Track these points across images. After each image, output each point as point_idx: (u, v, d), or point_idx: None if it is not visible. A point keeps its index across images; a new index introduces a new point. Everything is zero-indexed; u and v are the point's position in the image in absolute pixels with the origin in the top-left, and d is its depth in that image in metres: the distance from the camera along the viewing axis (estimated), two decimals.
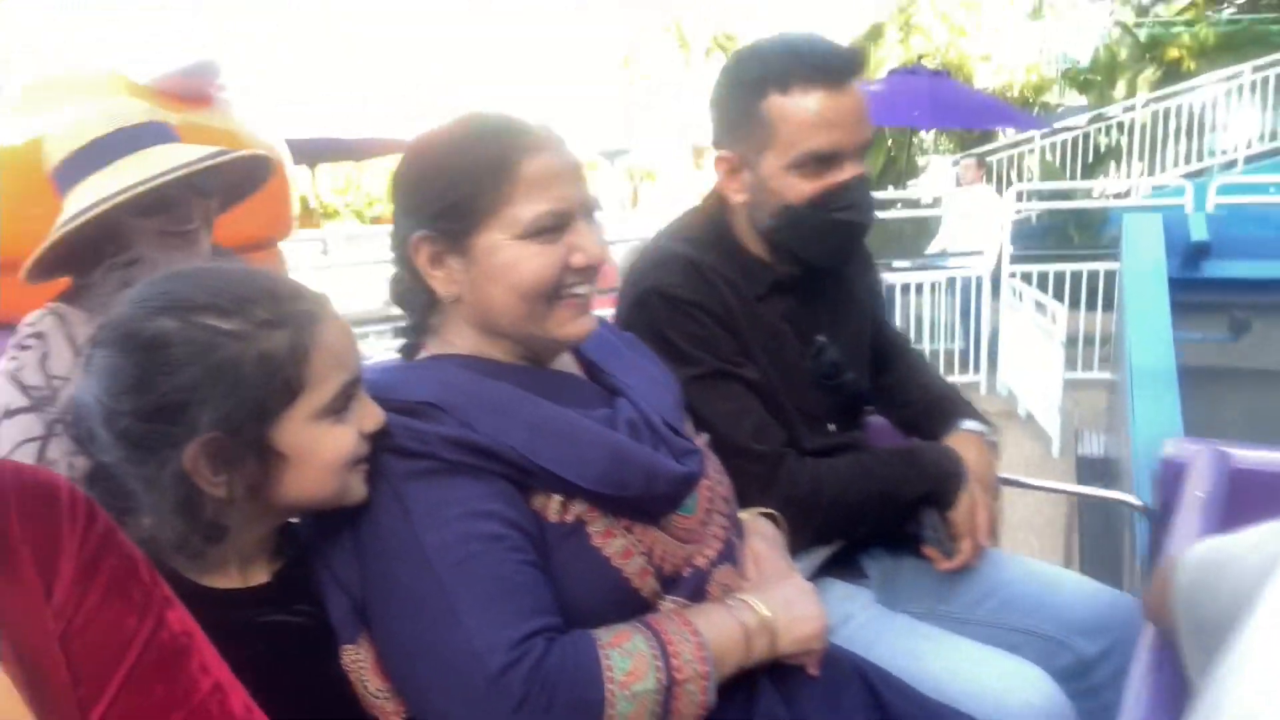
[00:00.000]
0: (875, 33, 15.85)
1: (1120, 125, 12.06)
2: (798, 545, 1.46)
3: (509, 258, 1.14)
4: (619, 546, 1.12)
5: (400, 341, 1.30)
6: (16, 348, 1.60)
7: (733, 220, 1.67)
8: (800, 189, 1.54)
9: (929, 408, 1.87)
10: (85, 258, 1.63)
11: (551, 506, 1.11)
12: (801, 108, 1.50)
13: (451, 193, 1.14)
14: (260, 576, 1.05)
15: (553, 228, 1.15)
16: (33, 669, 0.68)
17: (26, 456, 1.51)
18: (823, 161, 1.53)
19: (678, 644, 1.06)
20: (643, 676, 1.02)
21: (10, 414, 1.55)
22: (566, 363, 1.30)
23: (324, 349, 1.02)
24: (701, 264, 1.56)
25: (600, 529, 1.12)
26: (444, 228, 1.15)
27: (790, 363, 1.63)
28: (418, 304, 1.24)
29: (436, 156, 1.18)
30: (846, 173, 1.55)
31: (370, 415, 1.06)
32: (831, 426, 1.68)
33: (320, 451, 1.02)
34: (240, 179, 1.81)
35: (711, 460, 1.35)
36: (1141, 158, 11.77)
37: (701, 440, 1.36)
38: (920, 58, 13.97)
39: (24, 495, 0.72)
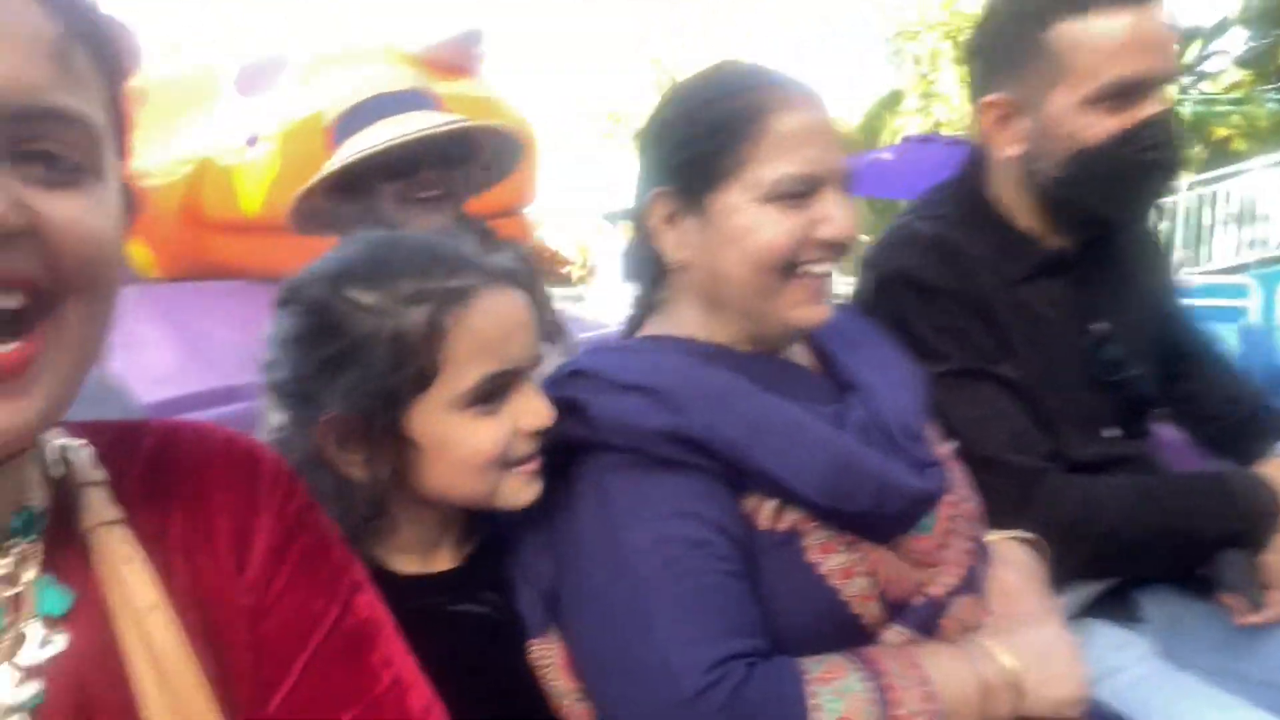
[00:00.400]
0: (894, 99, 14.77)
1: (1161, 209, 10.12)
2: (1059, 578, 1.24)
3: (746, 221, 1.03)
4: (838, 563, 0.98)
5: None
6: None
7: (995, 186, 1.44)
8: (1099, 127, 1.30)
9: (1239, 425, 1.55)
10: (347, 220, 1.70)
11: (764, 511, 0.99)
12: (1104, 32, 1.27)
13: (694, 145, 1.05)
14: (444, 563, 1.01)
15: (798, 193, 1.02)
16: (220, 644, 0.66)
17: None
18: (1129, 93, 1.29)
19: (901, 690, 0.91)
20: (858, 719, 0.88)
21: None
22: (798, 352, 1.16)
23: (467, 332, 0.92)
24: (954, 243, 1.36)
25: (817, 541, 0.99)
26: (683, 184, 1.06)
27: (1060, 356, 1.39)
28: (646, 274, 1.16)
29: (683, 107, 1.09)
30: (1155, 105, 1.30)
31: (532, 412, 0.96)
32: (1109, 433, 1.43)
33: (457, 446, 0.93)
34: (492, 155, 1.83)
35: (957, 474, 1.16)
36: (1187, 245, 10.46)
37: (947, 450, 1.18)
38: (939, 125, 12.88)
39: (229, 465, 0.71)
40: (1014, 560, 1.18)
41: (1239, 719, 1.21)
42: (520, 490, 0.97)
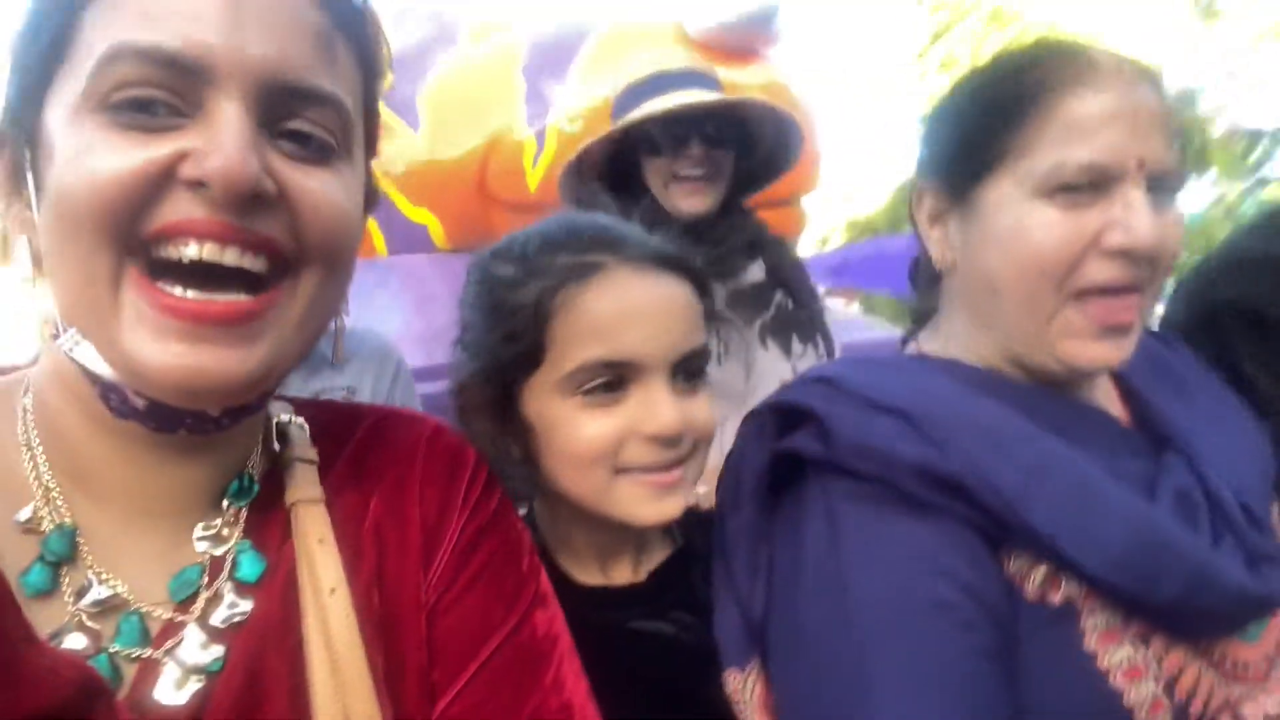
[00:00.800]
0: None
1: None
2: None
3: (1016, 218, 0.85)
4: (1123, 659, 0.78)
5: None
6: None
7: None
8: None
9: None
10: (619, 193, 1.70)
11: (1034, 578, 0.80)
12: None
13: (966, 131, 0.90)
14: (627, 576, 0.93)
15: (1084, 187, 0.82)
16: (396, 636, 0.65)
17: None
18: None
19: None
20: None
21: None
22: (1100, 393, 0.95)
23: (578, 312, 0.83)
24: None
25: (1100, 625, 0.79)
26: (951, 175, 0.91)
27: None
28: (920, 280, 1.03)
29: (965, 89, 0.93)
30: None
31: (655, 417, 0.84)
32: None
33: (562, 435, 0.84)
34: (772, 145, 1.74)
35: None
36: None
37: None
38: None
39: (432, 455, 0.71)
40: None
41: None
42: (642, 503, 0.86)
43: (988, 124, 0.87)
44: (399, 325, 2.16)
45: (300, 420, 0.71)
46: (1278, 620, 0.84)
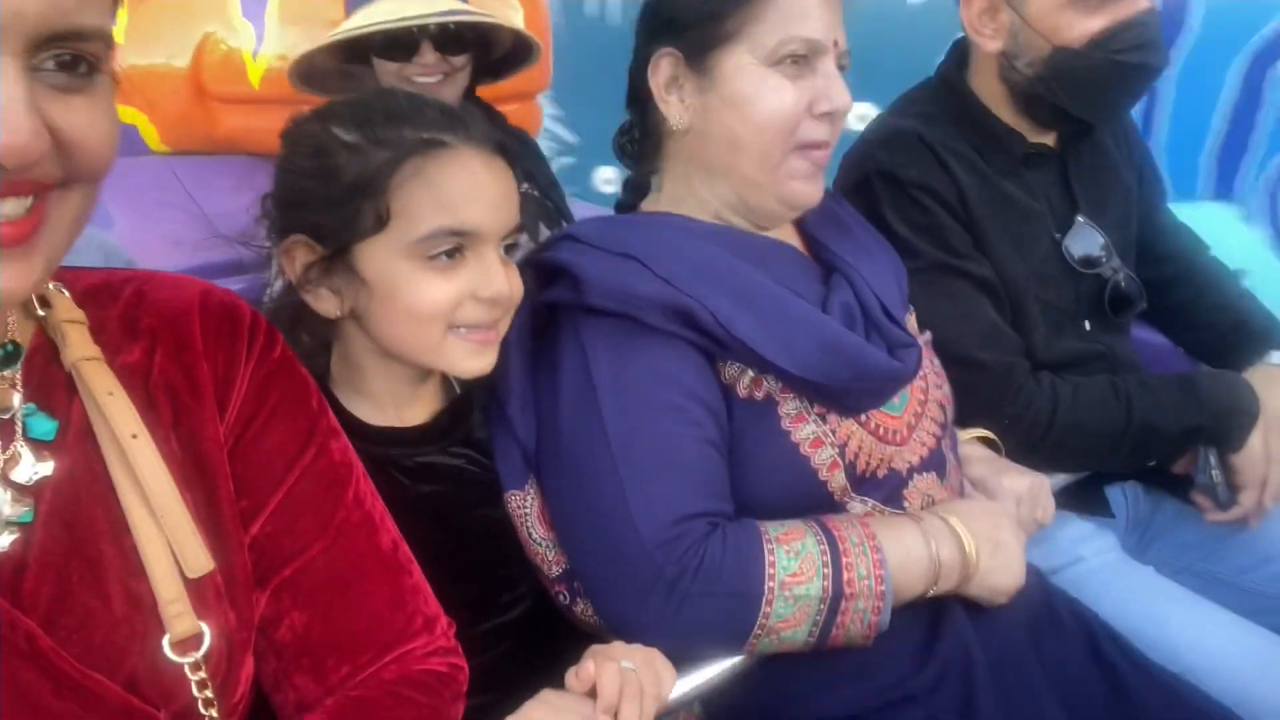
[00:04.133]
0: None
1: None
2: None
3: (752, 84, 1.03)
4: (809, 433, 1.01)
5: None
6: None
7: (976, 81, 1.44)
8: (1080, 26, 1.30)
9: (1228, 333, 1.55)
10: (351, 81, 1.70)
11: (742, 382, 1.01)
12: None
13: (703, 5, 1.04)
14: (417, 418, 1.04)
15: (802, 57, 1.02)
16: (203, 474, 0.70)
17: None
18: None
19: (854, 556, 0.95)
20: (807, 581, 0.93)
21: None
22: (786, 234, 1.17)
23: (427, 184, 0.92)
24: (933, 140, 1.36)
25: (792, 411, 1.02)
26: (688, 44, 1.05)
27: (1040, 250, 1.40)
28: (643, 147, 1.16)
29: None
30: (1136, 5, 1.29)
31: (489, 280, 0.93)
32: (1087, 326, 1.44)
33: (405, 294, 0.94)
34: (506, 50, 1.81)
35: (931, 360, 1.18)
36: None
37: (924, 338, 1.19)
38: None
39: (208, 314, 0.74)
40: (977, 455, 1.21)
41: (1191, 612, 1.26)
42: (467, 356, 0.96)
43: (721, 2, 1.03)
44: (121, 232, 2.04)
45: (58, 285, 0.70)
46: (913, 397, 1.10)
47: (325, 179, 0.92)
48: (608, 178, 3.33)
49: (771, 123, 1.03)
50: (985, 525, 1.04)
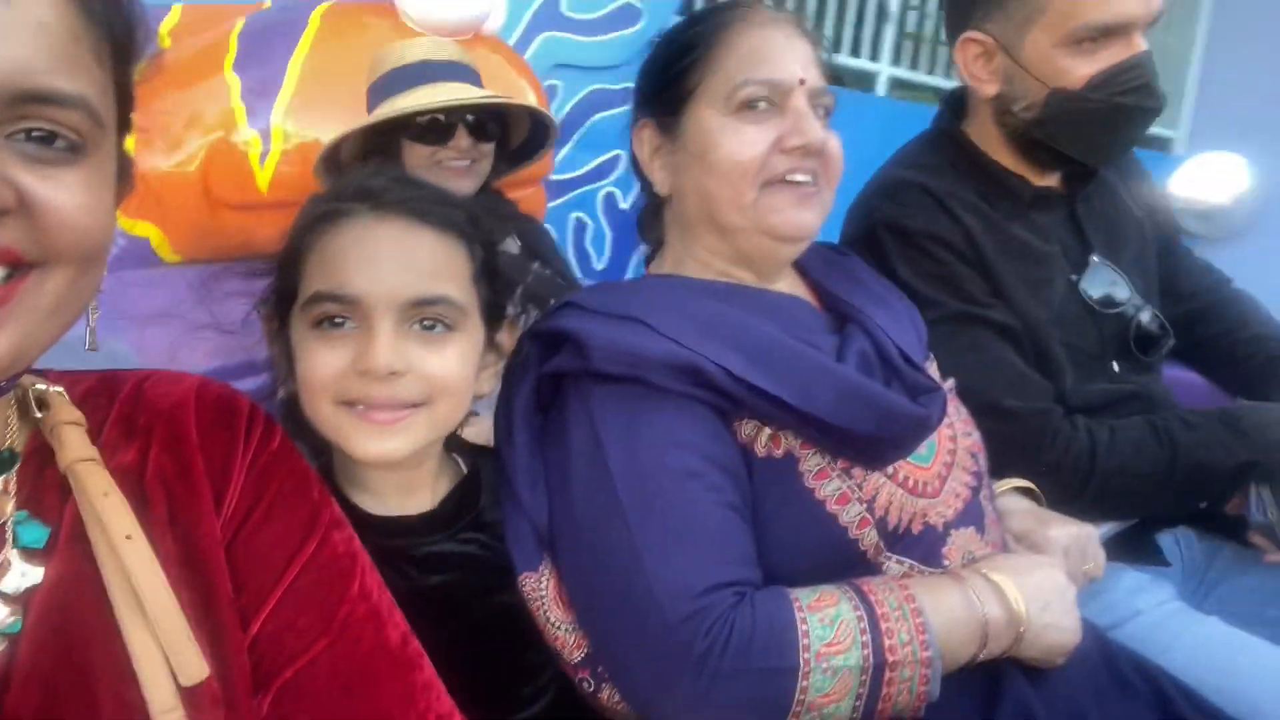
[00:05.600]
0: None
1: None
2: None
3: (714, 135, 1.02)
4: (834, 489, 0.96)
5: None
6: None
7: (973, 128, 1.43)
8: (1076, 70, 1.29)
9: (1265, 364, 1.50)
10: None
11: (760, 439, 0.96)
12: None
13: (664, 70, 1.07)
14: (422, 505, 0.98)
15: (761, 101, 1.01)
16: (200, 572, 0.67)
17: None
18: (1105, 36, 1.28)
19: (894, 620, 0.88)
20: (845, 650, 0.86)
21: None
22: (794, 286, 1.13)
23: (318, 251, 0.90)
24: (937, 189, 1.34)
25: (814, 467, 0.96)
26: (658, 111, 1.08)
27: (1058, 292, 1.36)
28: (648, 219, 1.17)
29: (661, 43, 1.12)
30: (1132, 49, 1.28)
31: (370, 355, 0.86)
32: (1115, 367, 1.39)
33: (300, 364, 0.91)
34: (526, 134, 1.89)
35: (958, 407, 1.13)
36: None
37: (948, 385, 1.14)
38: None
39: (203, 406, 0.72)
40: (1017, 507, 1.15)
41: (1265, 660, 1.17)
42: (362, 437, 0.89)
43: (681, 62, 1.05)
44: (134, 343, 2.05)
45: (58, 388, 0.70)
46: (942, 446, 1.05)
47: (285, 251, 0.96)
48: None
49: (735, 166, 1.02)
50: (1034, 580, 0.97)
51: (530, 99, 2.19)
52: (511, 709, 0.94)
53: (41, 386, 0.69)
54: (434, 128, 1.71)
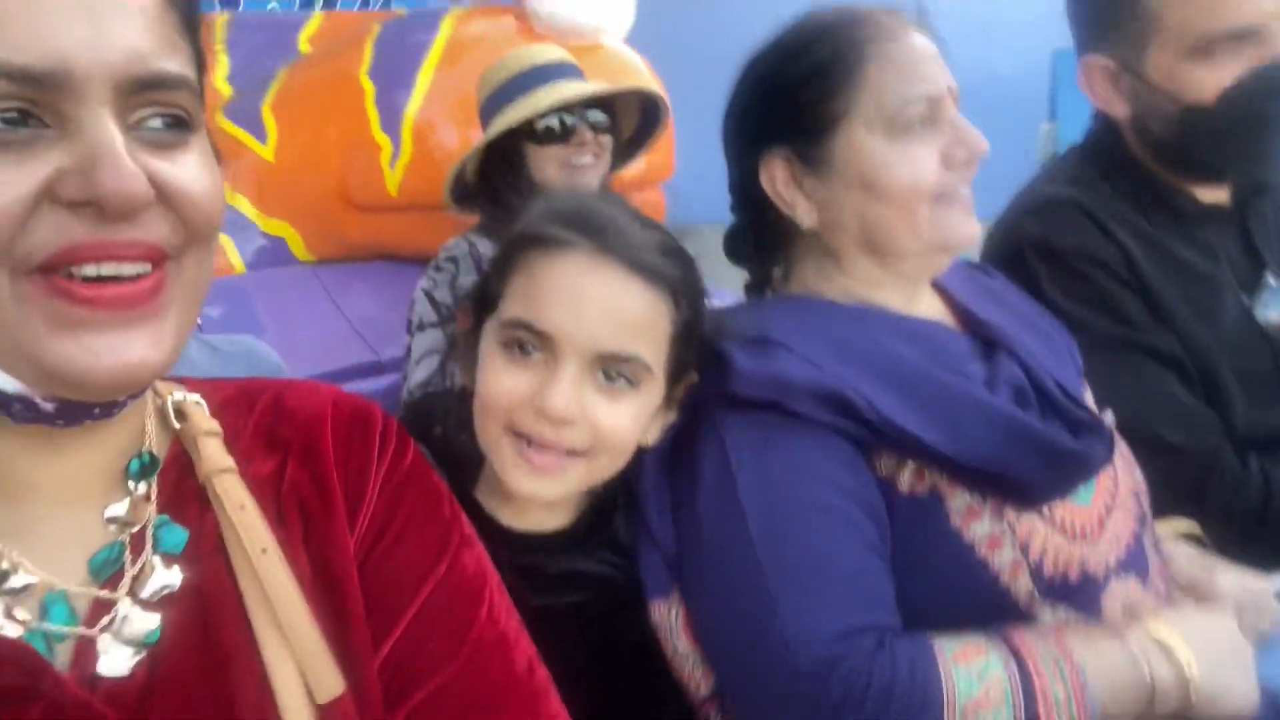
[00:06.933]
0: None
1: None
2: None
3: (877, 161, 0.95)
4: (984, 532, 0.89)
5: None
6: (433, 269, 1.79)
7: (1129, 141, 1.32)
8: (1207, 81, 1.19)
9: None
10: (499, 186, 1.75)
11: (903, 476, 0.90)
12: None
13: (797, 97, 0.98)
14: (559, 521, 0.97)
15: (923, 119, 0.94)
16: (333, 589, 0.67)
17: (428, 368, 1.68)
18: (1229, 44, 1.17)
19: (1049, 679, 0.81)
20: (994, 708, 0.80)
21: (423, 327, 1.73)
22: (934, 306, 1.07)
23: (527, 275, 0.90)
24: (1089, 205, 1.25)
25: (962, 506, 0.90)
26: (798, 137, 0.99)
27: (1229, 316, 1.25)
28: (763, 248, 1.09)
29: (776, 63, 1.02)
30: (1271, 48, 1.17)
31: (549, 394, 0.86)
32: None
33: (482, 375, 0.91)
34: (636, 127, 1.87)
35: (1119, 445, 1.04)
36: None
37: (1108, 418, 1.05)
38: None
39: (339, 420, 0.72)
40: (1183, 554, 1.06)
41: None
42: (516, 469, 0.89)
43: (823, 84, 0.97)
44: (271, 338, 2.13)
45: (196, 397, 0.70)
46: (1101, 486, 0.97)
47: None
48: None
49: (910, 191, 0.94)
50: (1205, 637, 0.88)
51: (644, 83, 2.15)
52: None
53: (180, 395, 0.69)
54: (556, 128, 1.70)
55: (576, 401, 0.87)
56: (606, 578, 0.96)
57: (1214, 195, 1.30)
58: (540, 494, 0.90)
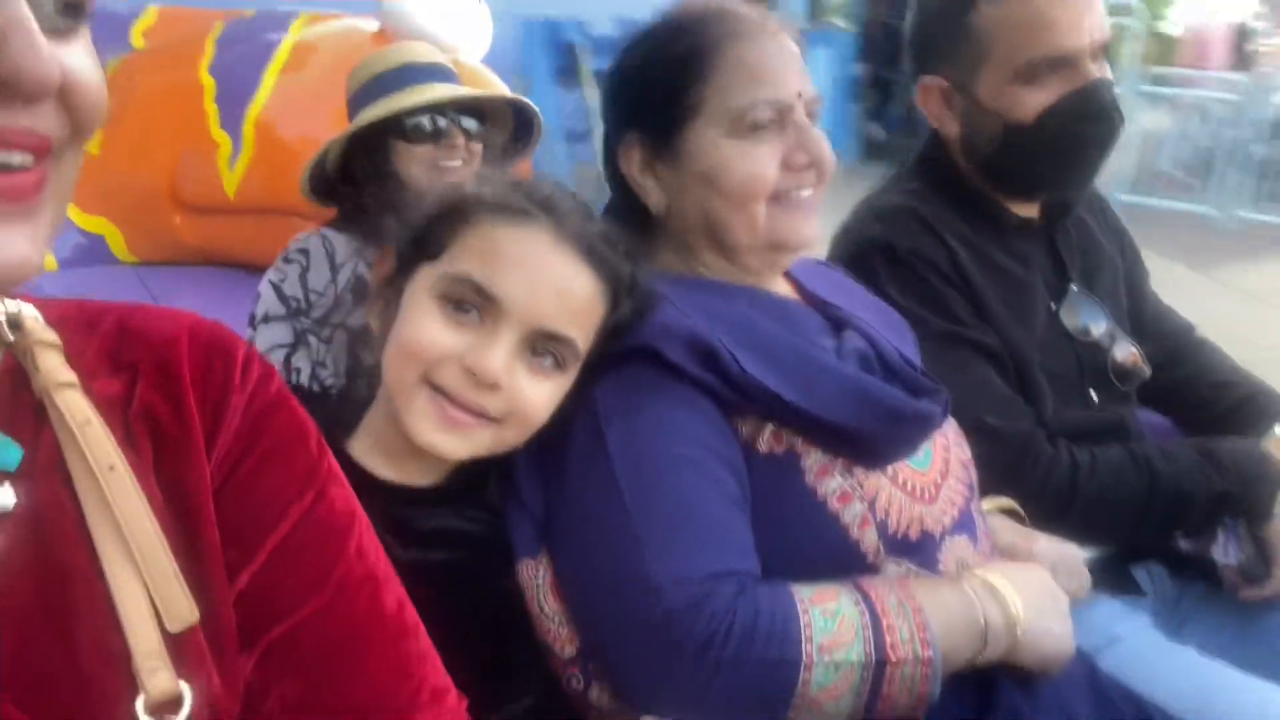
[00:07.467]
0: None
1: None
2: None
3: (721, 157, 1.00)
4: (835, 487, 0.94)
5: None
6: (283, 260, 1.71)
7: (958, 158, 1.45)
8: (1029, 102, 1.32)
9: (1232, 409, 1.52)
10: (362, 180, 1.70)
11: (762, 436, 0.94)
12: (1020, 13, 1.30)
13: (657, 85, 1.02)
14: (430, 476, 0.95)
15: (768, 122, 0.99)
16: (185, 517, 0.62)
17: (275, 362, 1.58)
18: (1051, 69, 1.31)
19: (895, 618, 0.86)
20: (847, 645, 0.83)
21: (268, 320, 1.66)
22: (785, 290, 1.13)
23: (480, 237, 0.90)
24: (924, 213, 1.36)
25: (815, 464, 0.94)
26: (651, 127, 1.03)
27: (1039, 320, 1.38)
28: (628, 224, 1.12)
29: (644, 49, 1.07)
30: (1081, 78, 1.31)
31: (484, 356, 0.86)
32: (1093, 396, 1.41)
33: (407, 320, 0.90)
34: (507, 136, 1.86)
35: (950, 422, 1.12)
36: None
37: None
38: None
39: (197, 343, 0.67)
40: (1005, 525, 1.15)
41: (1246, 691, 1.16)
42: (429, 421, 0.88)
43: (678, 78, 1.01)
44: None
45: (31, 308, 0.64)
46: (937, 453, 1.04)
47: (432, 202, 0.96)
48: None
49: (747, 189, 1.00)
50: (1028, 585, 0.95)
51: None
52: (494, 701, 0.89)
53: (14, 308, 0.62)
54: (427, 128, 1.68)
55: (507, 370, 0.87)
56: (477, 536, 0.94)
57: (1028, 210, 1.44)
58: (443, 447, 0.88)
